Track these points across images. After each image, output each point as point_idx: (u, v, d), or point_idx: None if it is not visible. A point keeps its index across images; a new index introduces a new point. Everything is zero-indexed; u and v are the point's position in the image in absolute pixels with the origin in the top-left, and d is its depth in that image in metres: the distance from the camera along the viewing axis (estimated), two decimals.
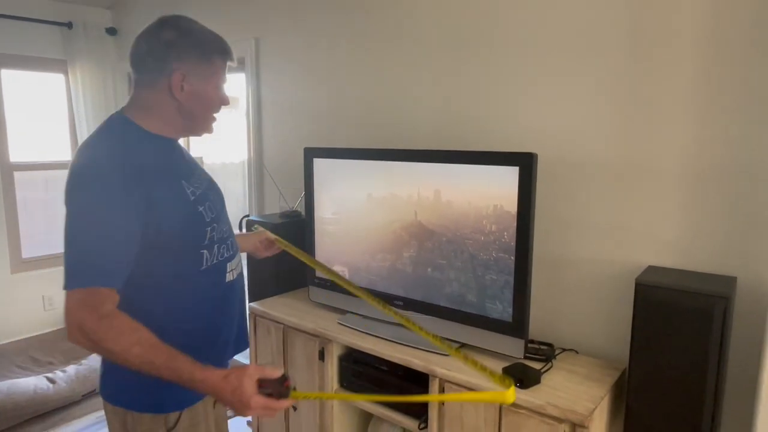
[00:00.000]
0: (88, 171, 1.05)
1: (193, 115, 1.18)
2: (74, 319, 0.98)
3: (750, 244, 1.47)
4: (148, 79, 1.14)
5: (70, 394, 2.79)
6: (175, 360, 1.00)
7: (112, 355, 0.99)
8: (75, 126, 3.61)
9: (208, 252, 1.20)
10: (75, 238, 1.02)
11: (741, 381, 1.51)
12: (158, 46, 1.12)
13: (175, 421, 1.17)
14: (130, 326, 1.00)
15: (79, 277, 0.99)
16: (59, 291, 3.66)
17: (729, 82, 1.45)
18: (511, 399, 1.00)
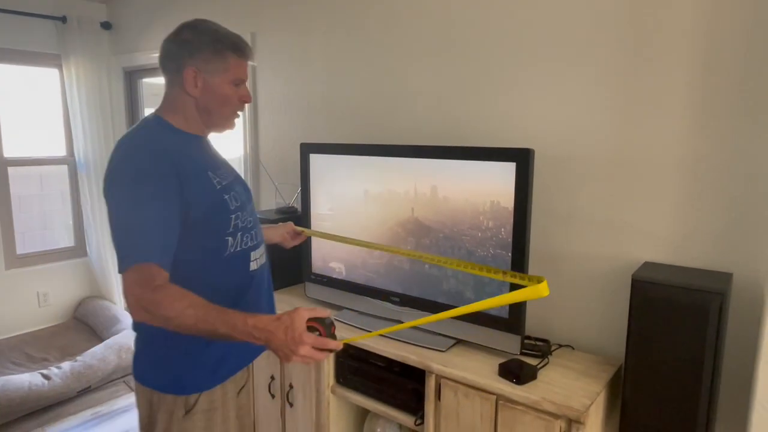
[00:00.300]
0: (129, 161, 1.14)
1: (209, 110, 1.25)
2: (132, 297, 1.06)
3: (746, 240, 1.47)
4: (169, 79, 1.24)
5: (64, 391, 2.78)
6: (227, 313, 1.07)
7: (170, 321, 1.06)
8: (69, 121, 3.58)
9: (232, 239, 1.26)
10: (122, 223, 1.11)
11: (736, 376, 1.51)
12: (174, 46, 1.21)
13: (194, 403, 1.25)
14: (180, 292, 1.08)
15: (130, 257, 1.08)
16: (54, 287, 3.65)
17: (726, 79, 1.45)
18: (545, 292, 1.01)
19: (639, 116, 1.60)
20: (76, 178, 3.70)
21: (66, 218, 3.86)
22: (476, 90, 1.95)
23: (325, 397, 1.99)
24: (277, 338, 1.04)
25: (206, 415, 1.27)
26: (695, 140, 1.52)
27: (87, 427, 2.61)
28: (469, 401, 1.57)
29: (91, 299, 3.74)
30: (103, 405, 2.81)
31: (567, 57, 1.72)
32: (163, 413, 1.25)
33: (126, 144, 1.19)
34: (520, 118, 1.85)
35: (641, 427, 1.41)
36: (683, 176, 1.55)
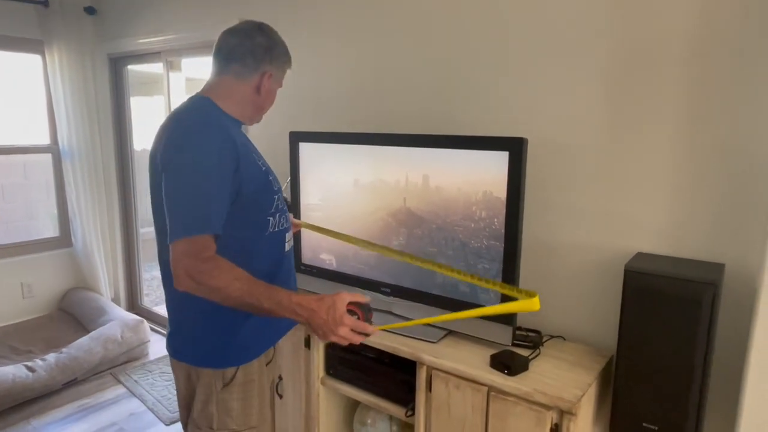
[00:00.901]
0: (192, 133, 1.18)
1: (261, 108, 1.38)
2: (181, 266, 1.10)
3: (738, 231, 1.46)
4: (241, 72, 1.31)
5: (50, 383, 2.73)
6: (272, 289, 1.13)
7: (218, 291, 1.10)
8: (53, 109, 3.50)
9: (273, 219, 1.33)
10: (178, 195, 1.15)
11: (727, 367, 1.51)
12: (257, 48, 1.31)
13: (232, 376, 1.29)
14: (229, 265, 1.12)
15: (185, 227, 1.11)
16: (38, 278, 3.58)
17: (719, 71, 1.44)
18: (537, 306, 1.09)
19: (633, 107, 1.59)
20: (60, 167, 3.62)
21: (50, 208, 3.79)
22: (469, 78, 1.92)
23: (315, 389, 1.97)
24: (319, 317, 1.11)
25: (243, 387, 1.32)
26: (688, 131, 1.51)
27: (73, 419, 2.57)
28: (460, 392, 1.55)
29: (77, 290, 3.68)
30: (89, 397, 2.77)
31: (561, 46, 1.70)
32: (201, 386, 1.30)
33: (184, 118, 1.23)
34: (513, 107, 1.83)
35: (633, 418, 1.41)
36: (676, 167, 1.54)
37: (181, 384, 1.38)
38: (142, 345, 3.23)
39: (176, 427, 2.51)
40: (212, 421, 1.31)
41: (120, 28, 3.44)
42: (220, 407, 1.30)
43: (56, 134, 3.56)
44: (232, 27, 1.34)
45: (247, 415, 1.33)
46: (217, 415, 1.30)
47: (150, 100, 4.90)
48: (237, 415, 1.32)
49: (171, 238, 1.12)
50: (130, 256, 3.91)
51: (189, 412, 1.36)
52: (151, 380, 2.94)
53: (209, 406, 1.30)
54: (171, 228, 1.13)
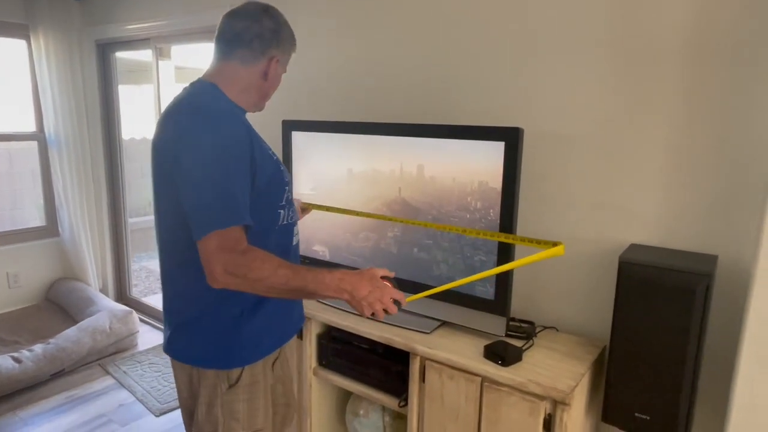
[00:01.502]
0: (202, 122, 1.12)
1: (266, 94, 1.33)
2: (217, 263, 1.05)
3: (731, 222, 1.47)
4: (246, 56, 1.24)
5: (37, 374, 2.69)
6: (313, 270, 1.13)
7: (261, 282, 1.07)
8: (39, 95, 3.43)
9: (284, 212, 1.30)
10: (201, 188, 1.08)
11: (719, 357, 1.53)
12: (265, 32, 1.25)
13: (237, 377, 1.26)
14: (265, 254, 1.10)
15: (215, 221, 1.06)
16: (24, 268, 3.52)
17: (715, 64, 1.44)
18: (562, 252, 1.18)
19: (627, 99, 1.58)
20: (46, 155, 3.55)
21: (37, 197, 3.72)
22: (465, 68, 1.90)
23: (307, 380, 1.96)
24: (364, 289, 1.14)
25: (249, 388, 1.28)
26: (683, 123, 1.50)
27: (61, 410, 2.54)
28: (453, 383, 1.55)
29: (64, 280, 3.63)
30: (77, 388, 2.74)
31: (557, 37, 1.69)
32: (205, 387, 1.26)
33: (195, 105, 1.18)
34: (509, 98, 1.82)
35: (625, 408, 1.41)
36: (671, 159, 1.54)
37: (182, 387, 1.32)
38: (131, 336, 3.19)
39: (166, 418, 2.50)
40: (217, 426, 1.26)
41: (108, 13, 3.37)
42: (226, 410, 1.26)
43: (42, 122, 3.49)
44: (236, 9, 1.27)
45: (252, 417, 1.29)
46: (223, 418, 1.26)
47: (138, 89, 4.83)
48: (243, 417, 1.27)
49: (199, 234, 1.06)
50: (118, 246, 3.86)
51: (191, 418, 1.32)
52: (141, 371, 2.92)
53: (214, 409, 1.25)
54: (198, 223, 1.07)
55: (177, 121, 1.16)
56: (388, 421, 1.91)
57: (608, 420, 1.45)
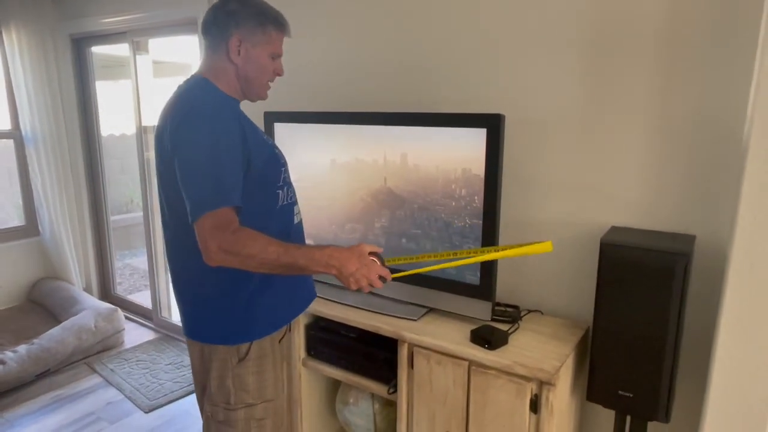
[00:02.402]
0: (199, 112, 1.18)
1: (248, 78, 1.32)
2: (213, 242, 1.11)
3: (708, 203, 1.50)
4: (214, 44, 1.29)
5: (22, 375, 2.66)
6: (303, 246, 1.20)
7: (253, 258, 1.12)
8: (13, 92, 3.35)
9: (282, 192, 1.35)
10: (194, 172, 1.15)
11: (698, 334, 1.57)
12: (221, 15, 1.28)
13: (246, 350, 1.32)
14: (255, 233, 1.15)
15: (209, 202, 1.12)
16: (4, 269, 3.47)
17: (690, 47, 1.46)
18: (550, 248, 1.25)
19: (605, 84, 1.60)
20: (23, 153, 3.48)
21: (14, 196, 3.65)
22: (446, 56, 1.91)
23: (297, 370, 1.97)
24: (352, 265, 1.18)
25: (258, 361, 1.34)
26: (660, 107, 1.53)
27: (48, 410, 2.52)
28: (441, 368, 1.57)
29: (46, 280, 3.58)
30: (63, 388, 2.71)
31: (537, 24, 1.70)
32: (216, 361, 1.32)
33: (191, 97, 1.23)
34: (489, 85, 1.83)
35: (609, 386, 1.45)
36: (649, 141, 1.57)
37: (195, 362, 1.40)
38: (117, 334, 3.17)
39: (156, 414, 2.49)
40: (229, 397, 1.32)
41: (82, 6, 3.30)
42: (236, 382, 1.32)
43: (18, 119, 3.42)
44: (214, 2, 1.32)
45: (262, 389, 1.35)
46: (234, 390, 1.32)
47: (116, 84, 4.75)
48: (253, 389, 1.33)
49: (194, 216, 1.13)
50: (100, 244, 3.81)
51: (204, 391, 1.38)
52: (128, 369, 2.90)
53: (226, 381, 1.32)
54: (192, 206, 1.14)
55: (173, 115, 1.21)
56: (378, 409, 1.93)
57: (592, 398, 1.49)
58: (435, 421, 1.62)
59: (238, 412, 1.32)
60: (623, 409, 1.45)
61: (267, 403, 1.36)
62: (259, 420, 1.35)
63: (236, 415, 1.33)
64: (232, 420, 1.33)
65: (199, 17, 2.65)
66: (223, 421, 1.33)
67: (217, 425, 1.35)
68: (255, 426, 1.34)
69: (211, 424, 1.36)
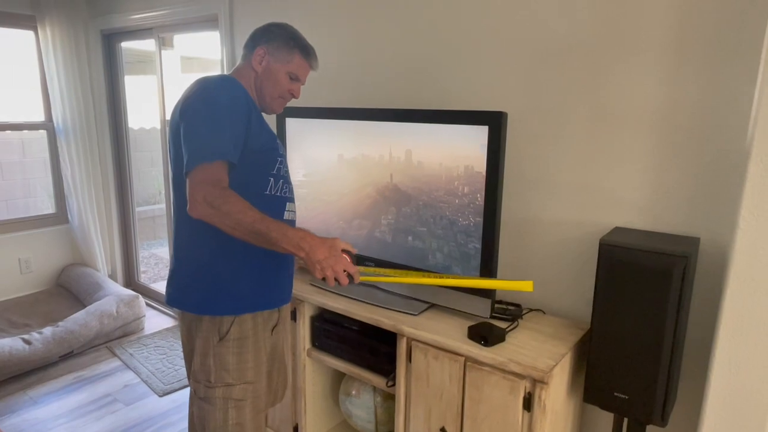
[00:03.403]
0: (212, 85, 1.29)
1: (262, 88, 1.44)
2: (199, 192, 1.17)
3: (713, 205, 1.47)
4: (245, 53, 1.45)
5: (47, 355, 2.79)
6: (280, 222, 1.22)
7: (231, 216, 1.17)
8: (47, 85, 3.50)
9: (274, 180, 1.40)
10: (194, 129, 1.23)
11: (701, 336, 1.54)
12: (259, 31, 1.45)
13: (227, 330, 1.37)
14: (241, 198, 1.21)
15: (202, 154, 1.20)
16: (36, 254, 3.63)
17: (696, 45, 1.43)
18: (530, 288, 1.30)
19: (611, 85, 1.59)
20: (55, 144, 3.63)
21: (47, 185, 3.82)
22: (451, 54, 1.91)
23: (302, 361, 2.01)
24: (320, 253, 1.21)
25: (238, 342, 1.39)
26: (666, 107, 1.51)
27: (69, 390, 2.63)
28: (438, 363, 1.59)
29: (74, 266, 3.73)
30: (85, 369, 2.83)
31: (541, 23, 1.69)
32: (200, 339, 1.38)
33: (207, 79, 1.33)
34: (494, 82, 1.82)
35: (605, 387, 1.44)
36: (655, 142, 1.54)
37: (184, 337, 1.47)
38: (138, 320, 3.28)
39: (169, 399, 2.57)
40: (210, 375, 1.37)
41: (112, 3, 3.42)
42: (217, 361, 1.37)
43: (51, 111, 3.57)
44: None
45: (242, 370, 1.39)
46: (215, 368, 1.37)
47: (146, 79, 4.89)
48: (233, 369, 1.38)
49: (187, 168, 1.20)
50: (126, 234, 3.95)
51: (191, 367, 1.44)
52: (146, 354, 3.00)
53: (207, 359, 1.37)
54: (187, 158, 1.21)
55: (189, 92, 1.31)
56: (380, 402, 1.96)
57: (589, 400, 1.48)
58: (431, 415, 1.64)
59: (216, 389, 1.37)
60: (620, 411, 1.44)
61: (246, 385, 1.40)
62: (237, 401, 1.39)
63: (215, 392, 1.37)
64: (210, 397, 1.38)
65: (219, 14, 2.72)
66: (203, 398, 1.39)
67: (198, 402, 1.40)
68: (233, 406, 1.38)
69: (194, 400, 1.42)
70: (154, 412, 2.46)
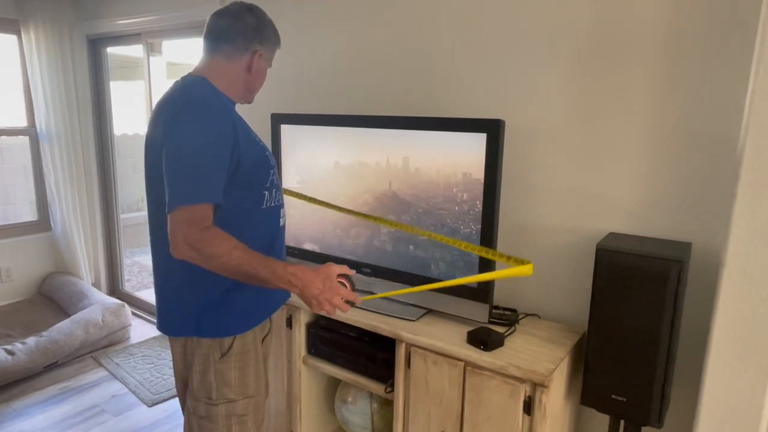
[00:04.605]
0: (189, 107, 1.20)
1: (251, 88, 1.41)
2: (181, 235, 1.13)
3: (704, 211, 1.52)
4: (230, 52, 1.34)
5: (30, 366, 2.72)
6: (267, 259, 1.17)
7: (216, 259, 1.13)
8: (30, 90, 3.44)
9: (268, 194, 1.36)
10: (177, 165, 1.16)
11: (694, 340, 1.58)
12: (247, 28, 1.34)
13: (229, 345, 1.32)
14: (226, 235, 1.16)
15: (186, 196, 1.14)
16: (17, 262, 3.54)
17: (688, 51, 1.48)
18: (530, 272, 1.26)
19: (603, 92, 1.63)
20: (38, 150, 3.56)
21: (28, 192, 3.74)
22: (448, 62, 1.94)
23: (297, 368, 2.00)
24: (315, 287, 1.18)
25: (240, 357, 1.34)
26: (658, 114, 1.55)
27: (54, 401, 2.57)
28: (437, 368, 1.60)
29: (57, 274, 3.65)
30: (70, 380, 2.77)
31: (536, 32, 1.73)
32: (198, 356, 1.32)
33: (184, 94, 1.25)
34: (490, 91, 1.86)
35: (602, 390, 1.46)
36: (647, 149, 1.58)
37: (177, 359, 1.39)
38: (124, 329, 3.22)
39: (159, 408, 2.53)
40: (211, 392, 1.32)
41: (99, 7, 3.38)
42: (218, 377, 1.32)
43: (34, 116, 3.50)
44: (222, 8, 1.37)
45: (244, 385, 1.36)
46: (216, 385, 1.32)
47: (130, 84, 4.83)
48: (235, 384, 1.34)
49: (169, 207, 1.14)
50: (110, 241, 3.88)
51: (185, 387, 1.38)
52: (133, 363, 2.95)
53: (208, 376, 1.32)
54: (170, 197, 1.15)
55: (167, 111, 1.22)
56: (376, 408, 1.96)
57: (586, 402, 1.50)
58: (430, 421, 1.64)
59: (219, 407, 1.32)
60: (616, 413, 1.46)
61: (248, 399, 1.36)
62: (240, 416, 1.35)
63: (217, 410, 1.32)
64: (212, 415, 1.33)
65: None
66: (205, 416, 1.33)
67: (198, 420, 1.34)
68: (236, 422, 1.34)
69: (193, 420, 1.35)
70: (144, 423, 2.41)
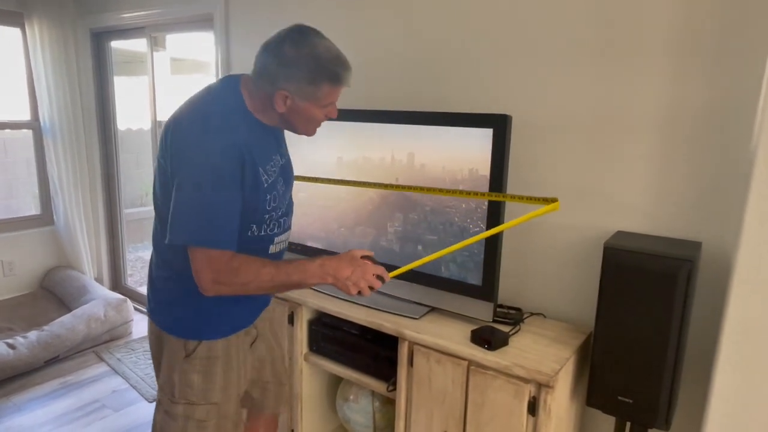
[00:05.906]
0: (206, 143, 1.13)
1: (292, 125, 1.28)
2: (209, 275, 1.14)
3: (715, 210, 1.49)
4: (261, 84, 1.21)
5: (31, 360, 2.71)
6: (294, 262, 1.20)
7: (249, 285, 1.16)
8: (34, 84, 3.42)
9: (256, 226, 1.28)
10: (201, 203, 1.13)
11: (703, 341, 1.55)
12: (273, 63, 1.18)
13: (193, 348, 1.31)
14: (247, 257, 1.18)
15: (209, 240, 1.14)
16: (19, 256, 3.53)
17: (700, 49, 1.45)
18: (558, 207, 1.25)
19: (614, 86, 1.60)
20: (41, 144, 3.55)
21: (31, 186, 3.73)
22: (455, 57, 1.91)
23: (298, 365, 1.98)
24: (346, 271, 1.20)
25: (205, 362, 1.32)
26: (668, 112, 1.52)
27: (55, 396, 2.56)
28: (441, 367, 1.57)
29: (59, 269, 3.64)
30: (72, 374, 2.76)
31: (546, 27, 1.70)
32: (167, 351, 1.33)
33: (202, 114, 1.18)
34: (497, 87, 1.83)
35: (608, 391, 1.44)
36: (658, 146, 1.55)
37: (153, 344, 1.41)
38: (126, 324, 3.21)
39: None
40: (174, 389, 1.32)
41: (102, 1, 3.36)
42: (181, 378, 1.31)
43: (37, 110, 3.49)
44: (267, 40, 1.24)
45: (207, 390, 1.32)
46: (179, 384, 1.31)
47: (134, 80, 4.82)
48: (198, 389, 1.31)
49: (188, 241, 1.14)
50: (113, 236, 3.87)
51: (159, 370, 1.39)
52: (135, 358, 2.93)
53: (173, 373, 1.31)
54: (188, 230, 1.13)
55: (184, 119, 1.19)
56: (378, 406, 1.94)
57: (592, 403, 1.48)
58: (433, 420, 1.62)
59: (178, 406, 1.31)
60: (623, 415, 1.44)
61: (211, 406, 1.32)
62: (199, 421, 1.32)
63: (176, 409, 1.31)
64: (172, 413, 1.32)
65: (215, 13, 2.69)
66: (167, 411, 1.33)
67: (162, 413, 1.34)
68: (194, 426, 1.31)
69: (159, 409, 1.36)
70: (145, 418, 2.40)
